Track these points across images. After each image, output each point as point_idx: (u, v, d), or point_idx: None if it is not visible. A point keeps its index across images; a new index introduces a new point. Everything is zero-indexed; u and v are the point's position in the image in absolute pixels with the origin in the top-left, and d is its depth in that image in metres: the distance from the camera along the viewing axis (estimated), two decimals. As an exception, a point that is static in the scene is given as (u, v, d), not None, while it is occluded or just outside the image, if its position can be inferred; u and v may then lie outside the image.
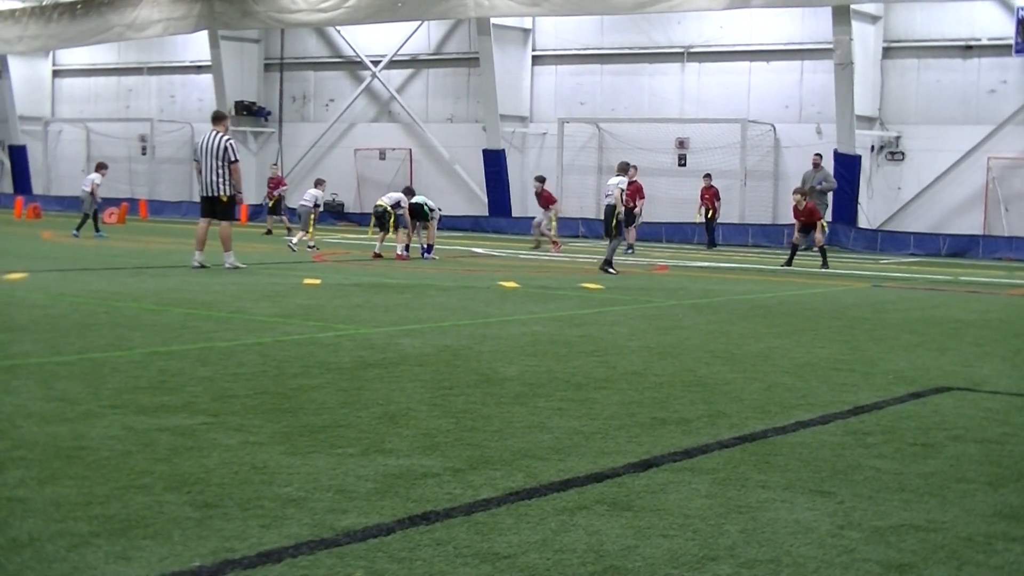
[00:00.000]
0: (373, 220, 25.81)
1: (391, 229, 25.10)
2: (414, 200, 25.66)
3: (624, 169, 23.76)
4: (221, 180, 20.42)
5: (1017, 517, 5.95)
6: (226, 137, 20.59)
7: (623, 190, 22.90)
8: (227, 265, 20.43)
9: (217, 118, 21.15)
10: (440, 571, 4.86)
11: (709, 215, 32.90)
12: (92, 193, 30.66)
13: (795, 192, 27.11)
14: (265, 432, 7.37)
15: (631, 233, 28.02)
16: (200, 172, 20.72)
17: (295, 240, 26.64)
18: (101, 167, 32.12)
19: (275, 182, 36.96)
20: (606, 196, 23.09)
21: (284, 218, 35.55)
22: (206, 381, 9.16)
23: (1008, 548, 5.42)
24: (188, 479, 6.18)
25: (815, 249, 26.35)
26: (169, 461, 6.57)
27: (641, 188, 30.75)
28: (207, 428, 7.44)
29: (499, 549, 5.16)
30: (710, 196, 32.81)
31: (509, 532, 5.40)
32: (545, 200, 30.54)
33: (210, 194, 20.56)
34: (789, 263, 25.69)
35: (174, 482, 6.11)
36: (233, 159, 20.46)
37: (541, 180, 31.00)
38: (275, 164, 40.51)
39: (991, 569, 5.12)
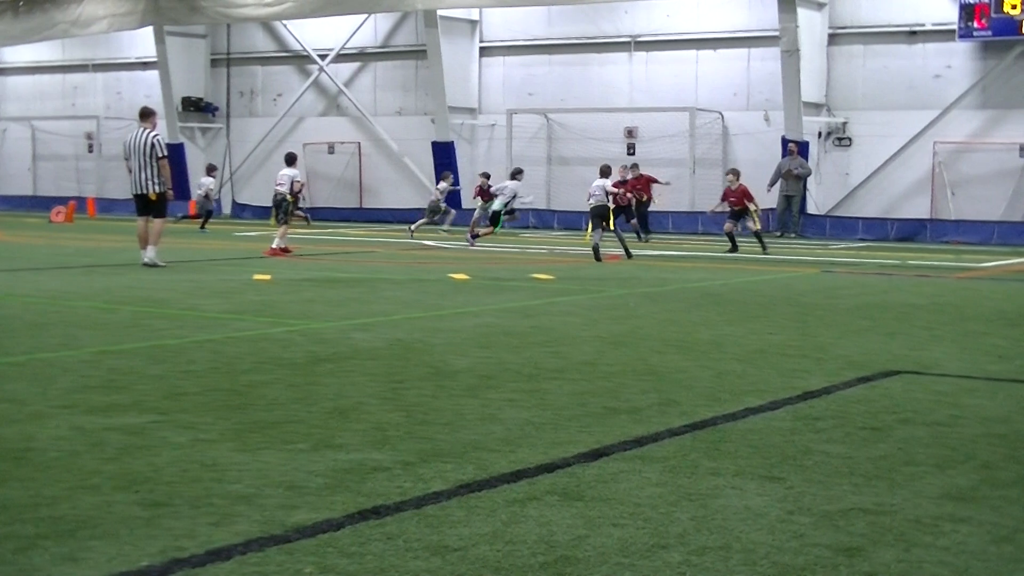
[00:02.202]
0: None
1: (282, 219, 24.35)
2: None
3: (606, 172, 24.57)
4: (150, 177, 20.26)
5: (965, 498, 6.00)
6: (153, 133, 20.42)
7: (607, 190, 23.97)
8: (145, 260, 20.08)
9: (144, 115, 20.96)
10: (391, 565, 4.85)
11: (636, 203, 32.35)
12: (207, 196, 34.81)
13: (728, 173, 27.27)
14: (215, 429, 7.33)
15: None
16: (130, 171, 20.57)
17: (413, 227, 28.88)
18: (212, 170, 35.49)
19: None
20: (592, 196, 23.98)
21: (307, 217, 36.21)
22: (156, 379, 9.11)
23: (956, 529, 5.46)
24: (137, 478, 6.14)
25: (751, 234, 26.46)
26: (118, 461, 6.52)
27: (649, 181, 32.07)
28: (157, 426, 7.40)
29: (450, 542, 5.15)
30: (642, 185, 32.40)
31: (460, 525, 5.40)
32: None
33: (140, 192, 20.41)
34: (734, 249, 25.87)
35: (123, 482, 6.08)
36: (161, 155, 20.27)
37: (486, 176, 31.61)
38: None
39: (939, 550, 5.16)
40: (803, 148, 33.60)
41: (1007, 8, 31.39)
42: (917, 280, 19.73)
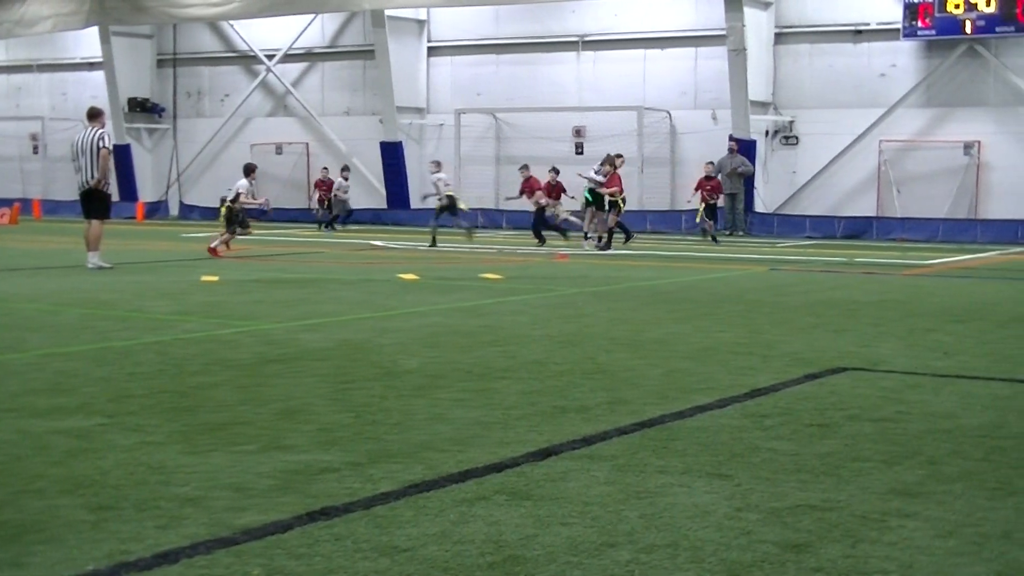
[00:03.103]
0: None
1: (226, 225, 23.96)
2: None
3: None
4: (98, 179, 20.11)
5: (911, 494, 6.04)
6: (100, 131, 20.27)
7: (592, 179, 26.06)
8: (90, 265, 19.88)
9: (93, 115, 20.81)
10: (339, 566, 4.84)
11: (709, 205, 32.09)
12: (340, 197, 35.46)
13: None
14: (163, 432, 7.29)
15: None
16: (76, 171, 20.40)
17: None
18: (345, 170, 36.50)
19: (326, 185, 37.36)
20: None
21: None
22: (103, 382, 9.05)
23: (902, 524, 5.50)
24: (83, 481, 6.10)
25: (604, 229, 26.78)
26: (64, 464, 6.47)
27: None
28: (103, 429, 7.35)
29: (398, 542, 5.14)
30: (714, 186, 32.01)
31: (408, 525, 5.39)
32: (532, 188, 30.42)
33: (87, 187, 20.23)
34: (608, 246, 26.56)
35: (69, 485, 6.03)
36: (103, 146, 20.07)
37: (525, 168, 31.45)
38: (325, 168, 39.68)
39: (885, 545, 5.19)
40: (750, 146, 33.78)
41: (950, 7, 31.69)
42: (864, 277, 19.86)
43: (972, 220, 32.49)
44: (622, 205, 27.06)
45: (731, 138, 33.77)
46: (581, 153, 36.99)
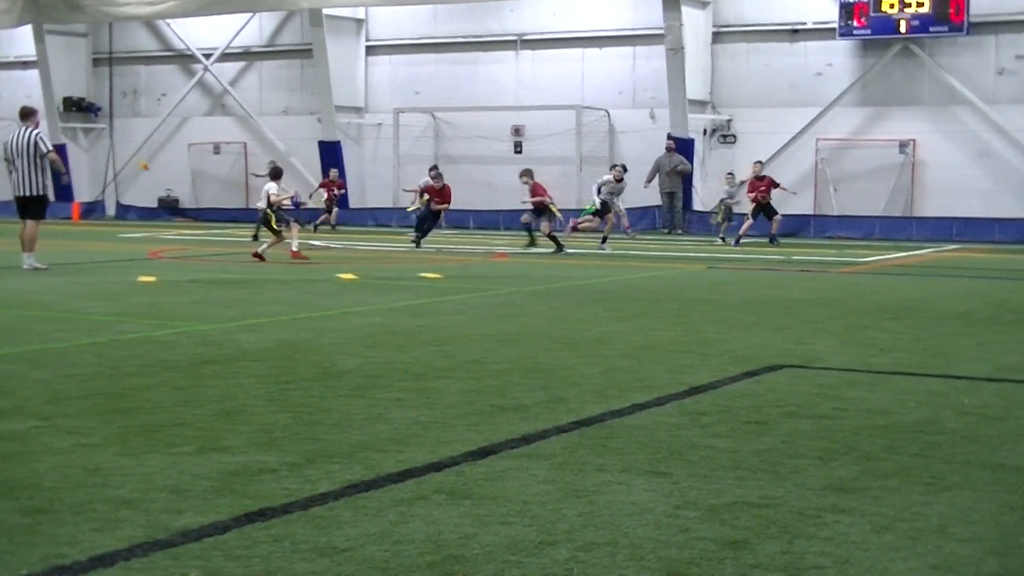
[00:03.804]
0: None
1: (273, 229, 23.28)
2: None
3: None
4: (34, 179, 19.87)
5: (847, 489, 6.09)
6: (36, 132, 20.04)
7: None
8: (25, 266, 19.61)
9: (25, 114, 20.50)
10: (278, 567, 4.82)
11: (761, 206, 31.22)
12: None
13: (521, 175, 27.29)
14: (99, 434, 7.23)
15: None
16: (11, 173, 20.15)
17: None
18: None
19: (336, 185, 35.86)
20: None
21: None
22: (39, 384, 8.96)
23: (838, 520, 5.54)
24: (17, 485, 6.04)
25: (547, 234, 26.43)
26: (-2, 467, 6.42)
27: (771, 185, 29.90)
28: (38, 432, 7.28)
29: (337, 543, 5.13)
30: (765, 187, 31.04)
31: (347, 525, 5.38)
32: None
33: (22, 194, 19.96)
34: (533, 244, 26.61)
35: (2, 489, 5.97)
36: (46, 150, 19.90)
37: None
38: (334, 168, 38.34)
39: (822, 541, 5.24)
40: (688, 145, 33.92)
41: (885, 7, 31.94)
42: (801, 275, 20.00)
43: (908, 218, 32.77)
44: (555, 211, 26.83)
45: (669, 137, 33.89)
46: (520, 152, 37.00)
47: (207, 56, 42.23)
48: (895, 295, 16.61)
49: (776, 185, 29.98)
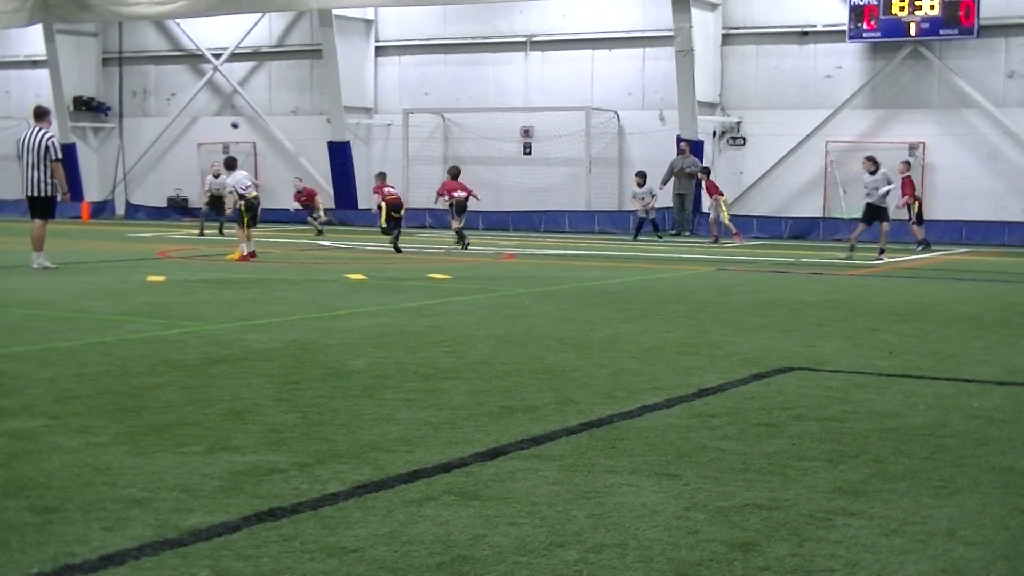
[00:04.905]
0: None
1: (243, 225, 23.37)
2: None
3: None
4: (43, 179, 19.89)
5: (856, 492, 6.08)
6: (48, 134, 20.00)
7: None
8: (35, 265, 19.67)
9: (39, 115, 20.54)
10: (287, 567, 4.83)
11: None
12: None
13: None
14: (108, 433, 7.24)
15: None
16: (22, 171, 20.20)
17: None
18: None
19: (307, 192, 35.44)
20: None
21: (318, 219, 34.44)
22: (47, 383, 8.97)
23: (847, 523, 5.54)
24: (27, 484, 6.05)
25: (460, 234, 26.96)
26: (7, 466, 6.42)
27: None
28: (48, 431, 7.29)
29: (346, 543, 5.13)
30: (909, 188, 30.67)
31: (356, 525, 5.38)
32: (710, 190, 31.04)
33: (32, 193, 20.00)
34: (463, 245, 26.67)
35: (12, 487, 5.98)
36: (55, 157, 19.90)
37: (706, 172, 31.95)
38: (299, 178, 38.08)
39: (831, 544, 5.23)
40: (697, 147, 33.89)
41: (895, 10, 31.90)
42: (810, 277, 19.98)
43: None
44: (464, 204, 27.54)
45: (679, 139, 33.86)
46: (529, 153, 37.02)
47: (217, 56, 42.26)
48: (904, 298, 16.58)
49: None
